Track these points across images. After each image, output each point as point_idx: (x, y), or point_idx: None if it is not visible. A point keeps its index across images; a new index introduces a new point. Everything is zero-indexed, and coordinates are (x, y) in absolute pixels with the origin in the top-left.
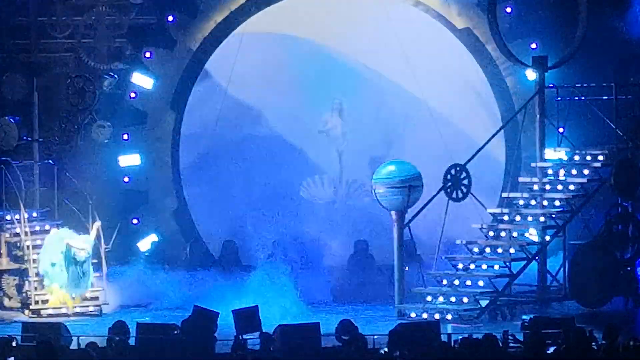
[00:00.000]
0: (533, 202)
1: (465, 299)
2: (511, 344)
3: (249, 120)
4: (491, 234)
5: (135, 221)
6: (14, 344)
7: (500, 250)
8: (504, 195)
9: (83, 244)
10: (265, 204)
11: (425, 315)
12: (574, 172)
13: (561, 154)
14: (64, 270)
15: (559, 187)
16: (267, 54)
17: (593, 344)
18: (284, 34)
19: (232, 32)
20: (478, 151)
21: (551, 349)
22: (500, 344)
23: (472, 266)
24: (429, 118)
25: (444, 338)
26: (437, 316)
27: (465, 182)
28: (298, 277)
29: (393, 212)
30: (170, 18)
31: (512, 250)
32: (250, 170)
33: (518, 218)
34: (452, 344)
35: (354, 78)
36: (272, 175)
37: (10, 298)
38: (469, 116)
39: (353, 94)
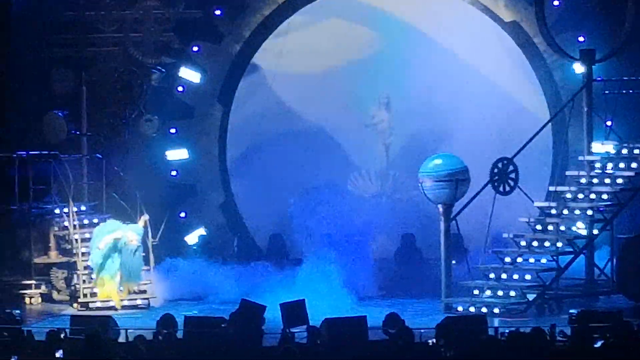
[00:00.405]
0: (581, 196)
1: (512, 293)
2: (559, 338)
3: (295, 114)
4: (538, 227)
5: (182, 215)
6: (62, 336)
7: (547, 243)
8: (552, 188)
9: (133, 234)
10: (312, 197)
11: (472, 309)
12: (621, 165)
13: (609, 147)
14: (115, 261)
15: (607, 180)
16: (313, 47)
17: None
18: (330, 27)
19: (279, 25)
20: (525, 144)
21: (599, 343)
22: (548, 338)
23: (519, 260)
24: (476, 111)
25: (490, 332)
26: (484, 310)
27: (513, 175)
28: (345, 271)
29: (440, 206)
30: (217, 12)
31: (559, 244)
32: (297, 163)
33: (566, 211)
34: (499, 337)
35: (401, 71)
36: (318, 168)
37: (59, 291)
38: (517, 110)
39: (400, 88)
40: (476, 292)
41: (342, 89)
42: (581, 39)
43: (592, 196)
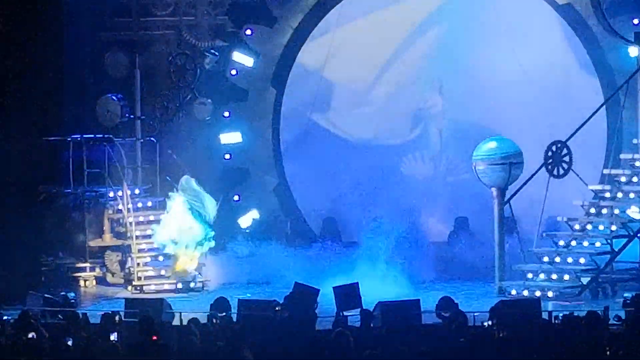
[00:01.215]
0: (635, 179)
1: (566, 276)
2: (613, 321)
3: (348, 97)
4: (592, 210)
5: (236, 198)
6: (117, 319)
7: (601, 227)
8: (606, 171)
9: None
10: (365, 180)
11: (526, 293)
12: None
13: None
14: (193, 227)
15: None
16: (366, 31)
17: None
18: (384, 11)
19: (332, 8)
20: (579, 128)
21: None
22: (602, 321)
23: (573, 243)
24: (530, 95)
25: (544, 316)
26: (537, 293)
27: (566, 158)
28: (398, 254)
29: (493, 189)
30: None
31: (613, 228)
32: (350, 146)
33: (620, 195)
34: (553, 321)
35: (455, 55)
36: (372, 151)
37: (113, 274)
38: (571, 93)
39: (453, 72)
40: (530, 275)
41: (396, 74)
42: (636, 21)
43: None
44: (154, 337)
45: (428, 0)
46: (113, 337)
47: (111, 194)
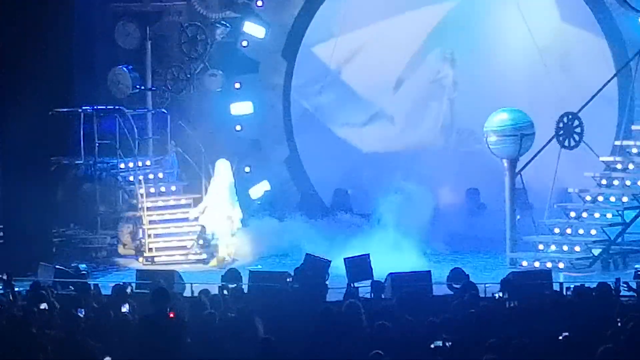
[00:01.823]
0: None
1: (577, 248)
2: (624, 293)
3: (360, 69)
4: (604, 182)
5: (247, 169)
6: (128, 291)
7: (613, 198)
8: (617, 143)
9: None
10: (376, 151)
11: (537, 264)
12: None
13: None
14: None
15: None
16: (379, 2)
17: None
18: None
19: None
20: (591, 99)
21: None
22: (613, 292)
23: (584, 215)
24: (541, 65)
25: (555, 287)
26: (549, 265)
27: (578, 130)
28: (409, 225)
29: (505, 160)
30: None
31: (625, 199)
32: (359, 119)
33: (631, 166)
34: (565, 292)
35: (466, 27)
36: (382, 122)
37: (124, 245)
38: (582, 63)
39: (465, 43)
40: (541, 247)
41: (408, 45)
42: None
43: None
44: (171, 314)
45: None
46: (125, 308)
47: (122, 166)
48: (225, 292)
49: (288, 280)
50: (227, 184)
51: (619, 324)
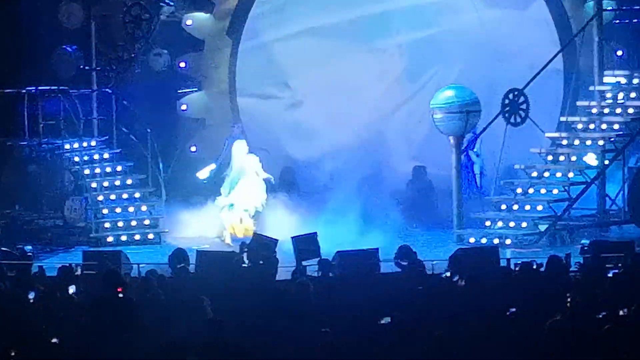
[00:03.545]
0: (592, 126)
1: (524, 224)
2: (574, 268)
3: (305, 51)
4: (550, 158)
5: (193, 149)
6: (75, 272)
7: (559, 174)
8: (563, 119)
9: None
10: (323, 130)
11: (484, 240)
12: (632, 95)
13: (620, 77)
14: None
15: (618, 110)
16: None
17: None
18: None
19: None
20: (536, 75)
21: (611, 273)
22: (564, 266)
23: (530, 191)
24: (486, 42)
25: (503, 263)
26: (496, 241)
27: (524, 106)
28: (356, 203)
29: (451, 138)
30: None
31: (570, 175)
32: (306, 97)
33: (577, 142)
34: (514, 268)
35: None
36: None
37: (71, 227)
38: (527, 40)
39: (409, 17)
40: (488, 223)
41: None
42: None
43: (604, 126)
44: (119, 289)
45: None
46: (72, 290)
47: (67, 146)
48: (172, 272)
49: (236, 259)
50: (250, 164)
51: (569, 300)
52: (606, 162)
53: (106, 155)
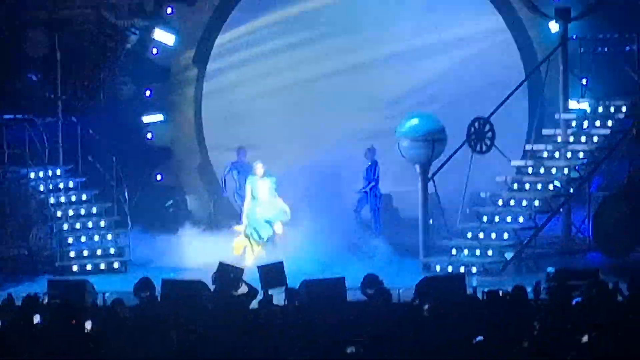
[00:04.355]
0: (557, 154)
1: (490, 252)
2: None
3: (269, 78)
4: (515, 186)
5: (159, 177)
6: (40, 301)
7: (524, 202)
8: (528, 147)
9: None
10: (288, 158)
11: (450, 269)
12: (597, 123)
13: (585, 105)
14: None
15: (583, 138)
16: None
17: (619, 294)
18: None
19: None
20: (501, 104)
21: (575, 301)
22: (533, 295)
23: (496, 219)
24: (452, 70)
25: (469, 291)
26: (462, 269)
27: (489, 134)
28: (324, 231)
29: (417, 166)
30: None
31: (536, 203)
32: (274, 125)
33: (542, 170)
34: (482, 296)
35: (377, 27)
36: (294, 128)
37: (36, 255)
38: (493, 68)
39: (379, 48)
40: (454, 251)
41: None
42: None
43: (569, 155)
44: (73, 321)
45: None
46: (36, 319)
47: (32, 175)
48: (138, 301)
49: (203, 289)
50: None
51: (537, 327)
52: (571, 190)
53: (71, 184)
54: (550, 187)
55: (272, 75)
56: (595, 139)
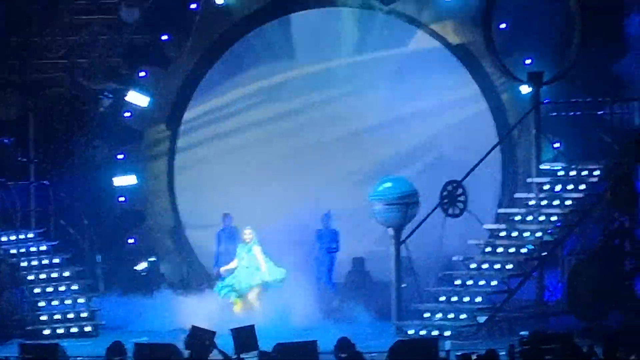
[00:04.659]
0: (530, 218)
1: (463, 315)
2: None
3: (244, 136)
4: (488, 249)
5: (131, 241)
6: None
7: (497, 266)
8: (501, 210)
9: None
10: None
11: (423, 332)
12: (570, 187)
13: (557, 169)
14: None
15: (556, 202)
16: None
17: (593, 358)
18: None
19: (227, 50)
20: (474, 167)
21: None
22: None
23: (469, 282)
24: (425, 134)
25: (442, 354)
26: (435, 333)
27: (462, 198)
28: (295, 294)
29: (390, 229)
30: (164, 37)
31: (509, 266)
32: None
33: (515, 234)
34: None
35: (350, 92)
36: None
37: (7, 319)
38: (465, 132)
39: (351, 109)
40: (427, 315)
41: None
42: (528, 61)
43: (541, 218)
44: None
45: (319, 46)
46: None
47: (4, 238)
48: None
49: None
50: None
51: None
52: (544, 253)
53: (43, 248)
54: (523, 250)
55: (245, 147)
56: (568, 202)
